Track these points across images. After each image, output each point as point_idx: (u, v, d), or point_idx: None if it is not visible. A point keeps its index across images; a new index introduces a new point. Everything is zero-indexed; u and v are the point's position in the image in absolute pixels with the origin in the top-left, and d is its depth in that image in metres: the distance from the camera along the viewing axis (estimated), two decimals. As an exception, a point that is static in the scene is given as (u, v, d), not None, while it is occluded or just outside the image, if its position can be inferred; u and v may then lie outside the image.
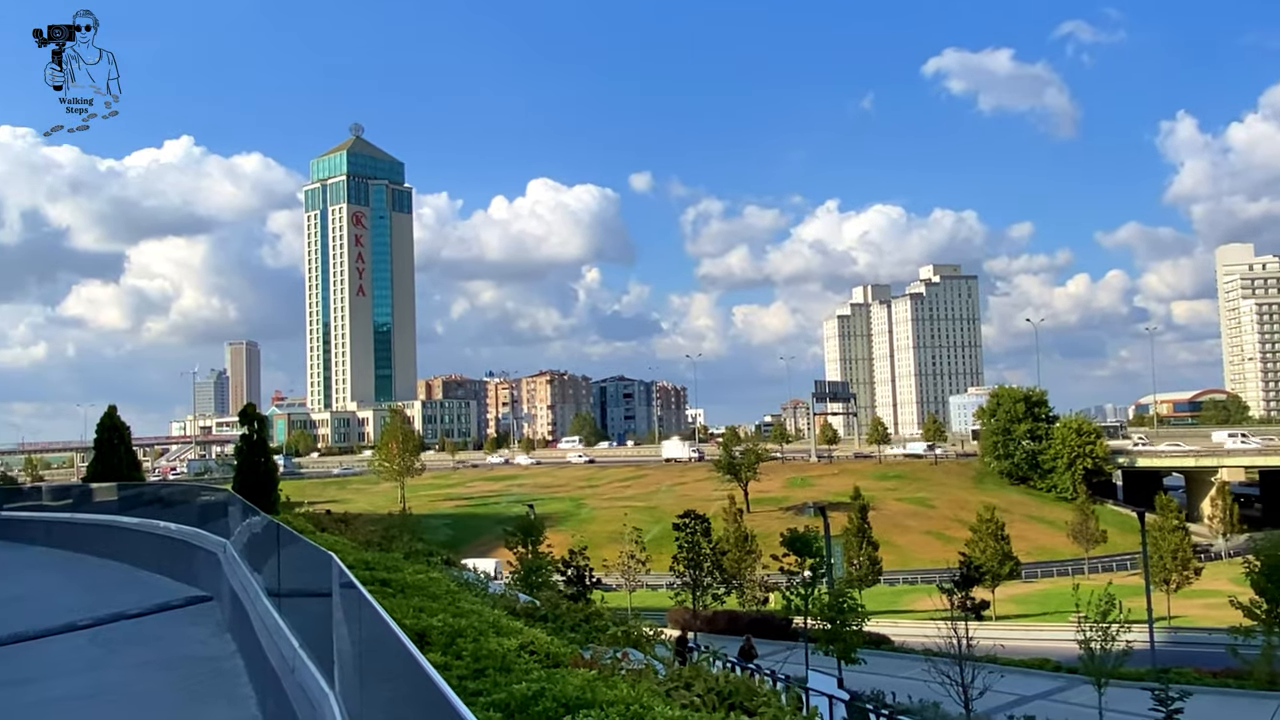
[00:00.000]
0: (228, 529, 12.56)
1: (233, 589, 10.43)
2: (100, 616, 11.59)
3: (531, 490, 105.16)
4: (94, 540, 19.55)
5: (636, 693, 4.57)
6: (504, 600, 10.25)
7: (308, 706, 5.73)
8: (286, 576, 7.51)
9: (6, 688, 8.56)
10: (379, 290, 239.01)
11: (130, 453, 25.26)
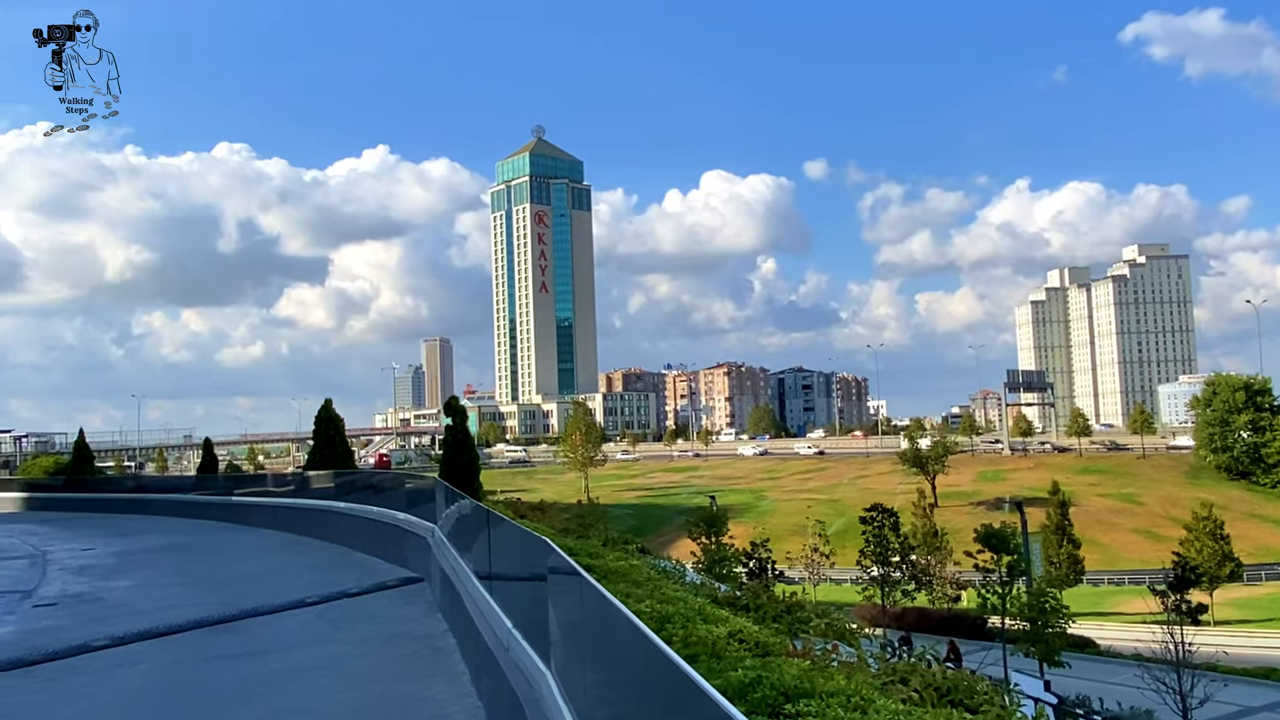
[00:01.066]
0: (435, 514, 13.22)
1: (442, 570, 10.98)
2: (325, 594, 12.47)
3: (711, 482, 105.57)
4: (314, 524, 21.05)
5: (853, 684, 4.48)
6: (704, 589, 10.31)
7: (525, 684, 5.95)
8: (498, 560, 7.82)
9: (252, 657, 9.34)
10: (560, 286, 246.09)
11: (344, 443, 27.08)
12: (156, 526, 26.59)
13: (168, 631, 10.50)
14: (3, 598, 13.97)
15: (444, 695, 7.58)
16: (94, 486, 38.27)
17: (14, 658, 9.40)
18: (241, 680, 8.36)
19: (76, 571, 17.02)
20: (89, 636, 10.36)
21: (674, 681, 2.86)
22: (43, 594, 14.32)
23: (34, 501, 37.02)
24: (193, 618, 11.19)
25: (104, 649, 9.79)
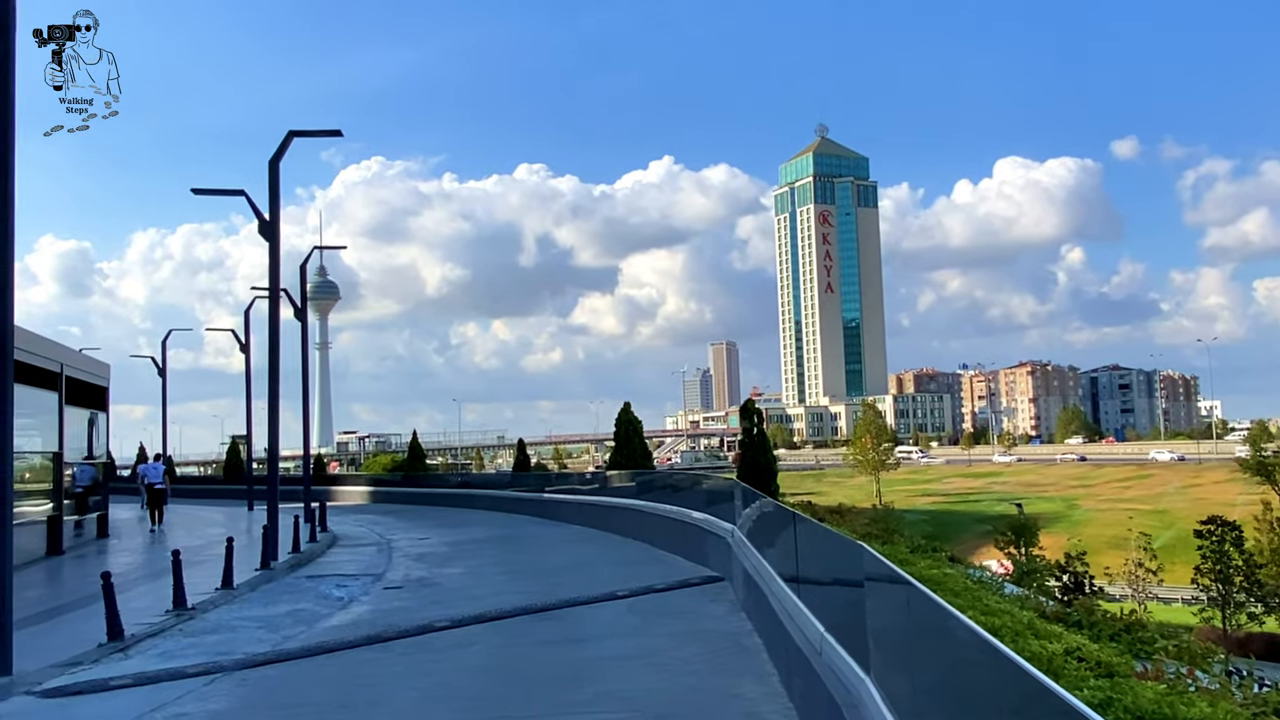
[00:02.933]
0: (733, 514, 13.40)
1: (744, 570, 11.10)
2: (633, 589, 13.01)
3: (1015, 488, 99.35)
4: (616, 520, 22.06)
5: (1219, 712, 4.02)
6: (1029, 602, 9.72)
7: (841, 688, 5.88)
8: (805, 562, 7.79)
9: (573, 643, 9.94)
10: (846, 286, 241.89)
11: (643, 443, 28.25)
12: (478, 519, 28.99)
13: (498, 616, 11.40)
14: (359, 580, 15.81)
15: (754, 693, 7.65)
16: (425, 482, 42.43)
17: (373, 634, 10.60)
18: (566, 664, 8.91)
19: (416, 558, 18.92)
20: (432, 618, 11.48)
21: (1028, 694, 2.70)
22: (390, 578, 16.06)
23: (377, 495, 41.62)
24: (518, 604, 12.09)
25: (445, 629, 10.79)
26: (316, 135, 19.33)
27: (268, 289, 20.21)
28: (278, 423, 19.14)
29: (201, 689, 8.29)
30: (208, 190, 20.49)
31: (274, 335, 19.06)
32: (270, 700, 8.03)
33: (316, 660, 9.45)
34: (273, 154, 18.60)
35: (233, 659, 9.35)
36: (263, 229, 18.57)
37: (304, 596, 13.89)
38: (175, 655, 9.68)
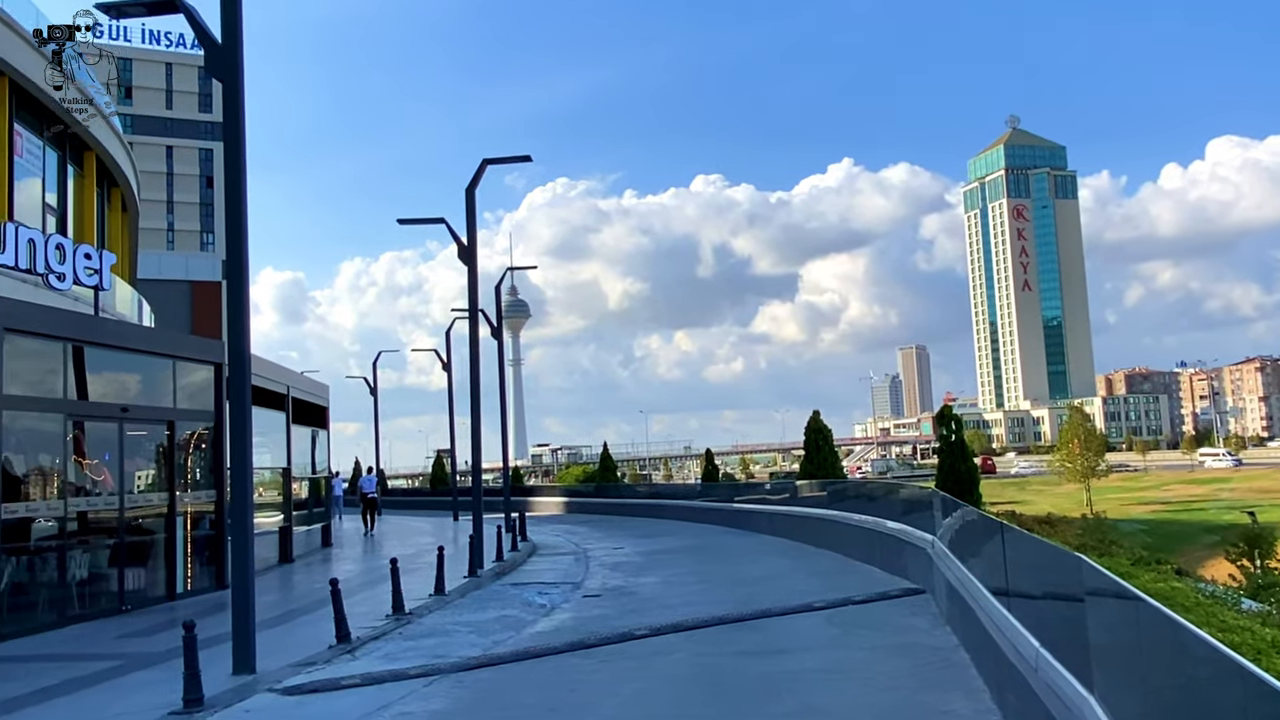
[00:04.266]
0: (933, 524, 12.97)
1: (947, 583, 10.72)
2: (830, 600, 12.82)
3: (1246, 495, 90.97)
4: (808, 530, 21.79)
5: None
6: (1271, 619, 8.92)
7: (1060, 706, 5.60)
8: (1016, 575, 7.46)
9: (772, 655, 9.90)
10: (1045, 283, 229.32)
11: (833, 452, 27.82)
12: (669, 529, 29.31)
13: (695, 625, 11.50)
14: (559, 588, 16.32)
15: (965, 710, 7.38)
16: (616, 492, 43.28)
17: (576, 640, 10.93)
18: (766, 676, 8.88)
19: (612, 567, 19.35)
20: (631, 625, 11.71)
21: None
22: (589, 586, 16.50)
23: (570, 505, 42.82)
24: (714, 614, 12.15)
25: (644, 637, 10.99)
26: (507, 162, 20.22)
27: (467, 310, 21.26)
28: (480, 437, 20.07)
29: (422, 689, 8.80)
30: (412, 220, 21.82)
31: (474, 354, 20.03)
32: (485, 702, 8.42)
33: (525, 665, 9.84)
34: (468, 183, 19.60)
35: (449, 662, 9.87)
36: (462, 254, 19.57)
37: (509, 603, 14.48)
38: (397, 657, 10.32)
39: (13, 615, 12.65)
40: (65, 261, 14.41)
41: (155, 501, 15.98)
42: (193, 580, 16.47)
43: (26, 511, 13.27)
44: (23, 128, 21.60)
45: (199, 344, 18.24)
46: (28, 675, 10.11)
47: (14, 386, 12.83)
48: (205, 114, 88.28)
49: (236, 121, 10.17)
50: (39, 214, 22.37)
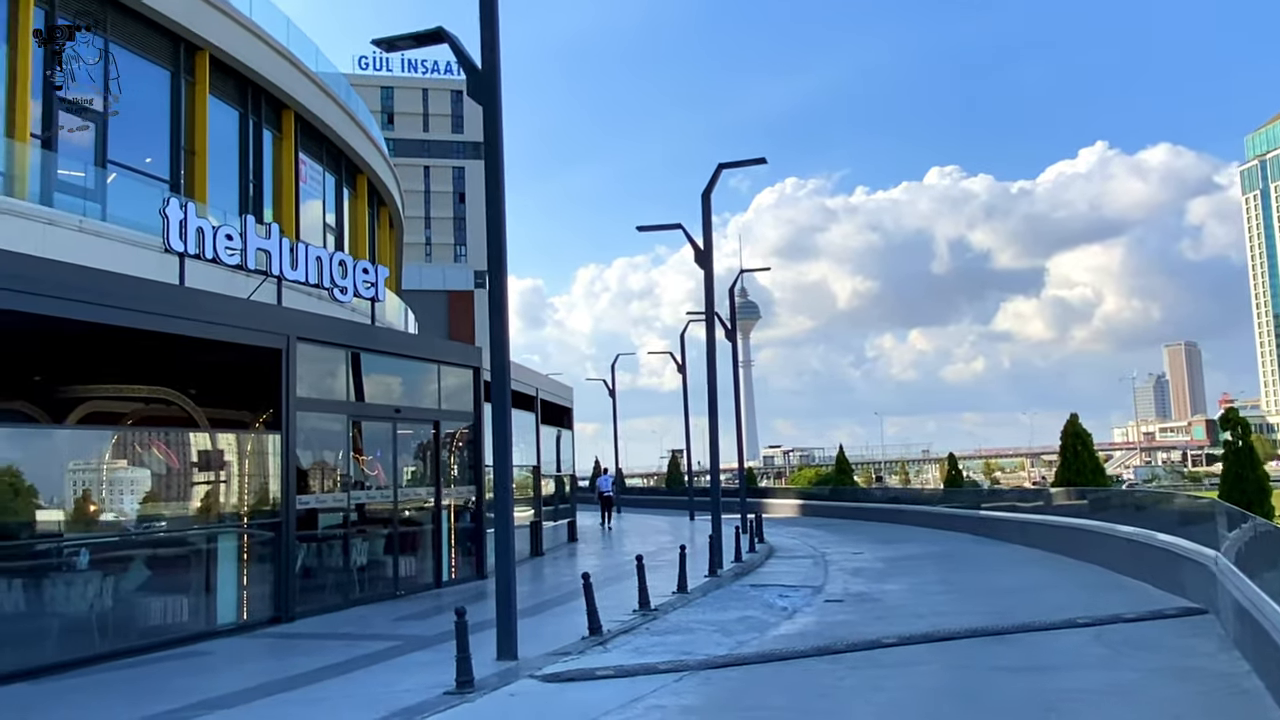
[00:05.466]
0: (1215, 538, 11.86)
1: (1235, 602, 9.75)
2: (1096, 616, 11.96)
3: None
4: (1064, 541, 20.41)
5: None
6: None
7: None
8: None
9: (1033, 672, 9.38)
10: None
11: (1093, 458, 25.92)
12: (910, 535, 28.39)
13: (945, 636, 11.08)
14: (799, 591, 16.21)
15: (1264, 746, 6.68)
16: (851, 496, 42.43)
17: (822, 645, 10.82)
18: (1027, 694, 8.43)
19: (852, 573, 18.99)
20: (878, 633, 11.45)
21: None
22: (830, 591, 16.28)
23: (805, 508, 42.39)
24: (966, 625, 11.65)
25: (892, 646, 10.71)
26: (742, 165, 20.33)
27: (700, 314, 21.54)
28: (717, 439, 20.29)
29: (673, 685, 9.01)
30: (650, 227, 22.41)
31: (711, 357, 20.27)
32: (734, 701, 8.51)
33: (772, 666, 9.85)
34: (704, 188, 19.88)
35: (696, 659, 10.05)
36: (698, 258, 19.87)
37: (750, 604, 14.55)
38: (645, 652, 10.62)
39: (304, 596, 14.08)
40: (347, 276, 15.89)
41: (423, 495, 17.30)
42: (456, 570, 17.69)
43: (316, 503, 14.74)
44: (306, 156, 24.01)
45: (460, 349, 19.58)
46: (322, 651, 11.23)
47: (303, 389, 14.27)
48: (457, 134, 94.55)
49: (495, 141, 10.84)
50: (320, 233, 24.78)
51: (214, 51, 19.81)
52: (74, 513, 11.33)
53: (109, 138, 17.60)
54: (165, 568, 12.54)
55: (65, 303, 10.73)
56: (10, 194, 15.26)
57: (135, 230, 16.25)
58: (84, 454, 11.90)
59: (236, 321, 13.19)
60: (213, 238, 13.61)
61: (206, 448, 13.43)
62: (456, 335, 58.77)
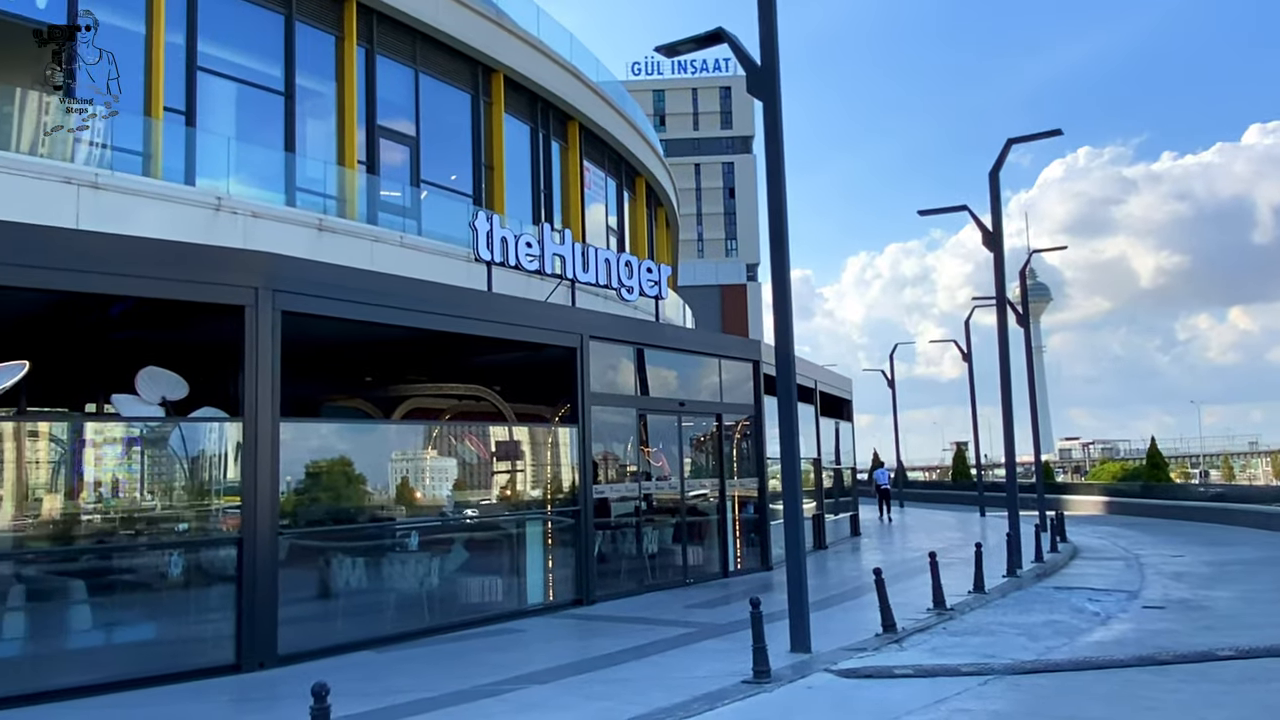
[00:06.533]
0: None
1: None
2: None
3: None
4: None
5: None
6: None
7: None
8: None
9: None
10: None
11: None
12: (1240, 538, 25.46)
13: (1295, 653, 9.85)
14: (1111, 596, 14.99)
15: None
16: (1165, 493, 38.59)
17: (1143, 655, 9.96)
18: None
19: (1172, 577, 17.30)
20: (1209, 644, 10.38)
21: None
22: (1147, 596, 14.93)
23: (1111, 505, 39.08)
24: (1320, 642, 10.29)
25: (1229, 659, 9.67)
26: (1034, 139, 19.09)
27: (986, 299, 20.47)
28: (1012, 431, 19.19)
29: (977, 688, 8.64)
30: (933, 210, 21.54)
31: (1003, 343, 19.21)
32: (1046, 709, 8.02)
33: (1087, 675, 9.19)
34: (991, 166, 18.86)
35: (1000, 663, 9.57)
36: (986, 240, 18.87)
37: (1056, 608, 13.64)
38: (944, 652, 10.26)
39: (601, 580, 14.83)
40: (633, 276, 16.57)
41: (707, 487, 17.69)
42: (742, 560, 17.95)
43: (610, 492, 15.48)
44: (590, 163, 25.23)
45: (739, 343, 19.83)
46: (622, 633, 11.79)
47: (595, 385, 15.01)
48: (726, 130, 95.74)
49: (776, 134, 10.87)
50: (603, 235, 25.96)
51: (507, 72, 21.30)
52: (396, 499, 12.61)
53: (421, 159, 19.41)
54: (480, 550, 13.67)
55: (400, 311, 11.97)
56: (342, 215, 17.22)
57: (444, 242, 17.82)
58: (404, 445, 13.19)
59: (537, 323, 14.11)
60: (515, 246, 14.66)
61: (511, 440, 14.49)
62: (730, 329, 59.52)
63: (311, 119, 17.76)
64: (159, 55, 14.84)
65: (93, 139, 14.01)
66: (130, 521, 10.20)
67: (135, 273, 9.65)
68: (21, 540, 9.48)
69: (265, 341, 10.31)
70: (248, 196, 15.20)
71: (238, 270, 10.36)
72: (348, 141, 17.81)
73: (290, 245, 13.25)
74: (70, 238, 9.95)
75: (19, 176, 12.08)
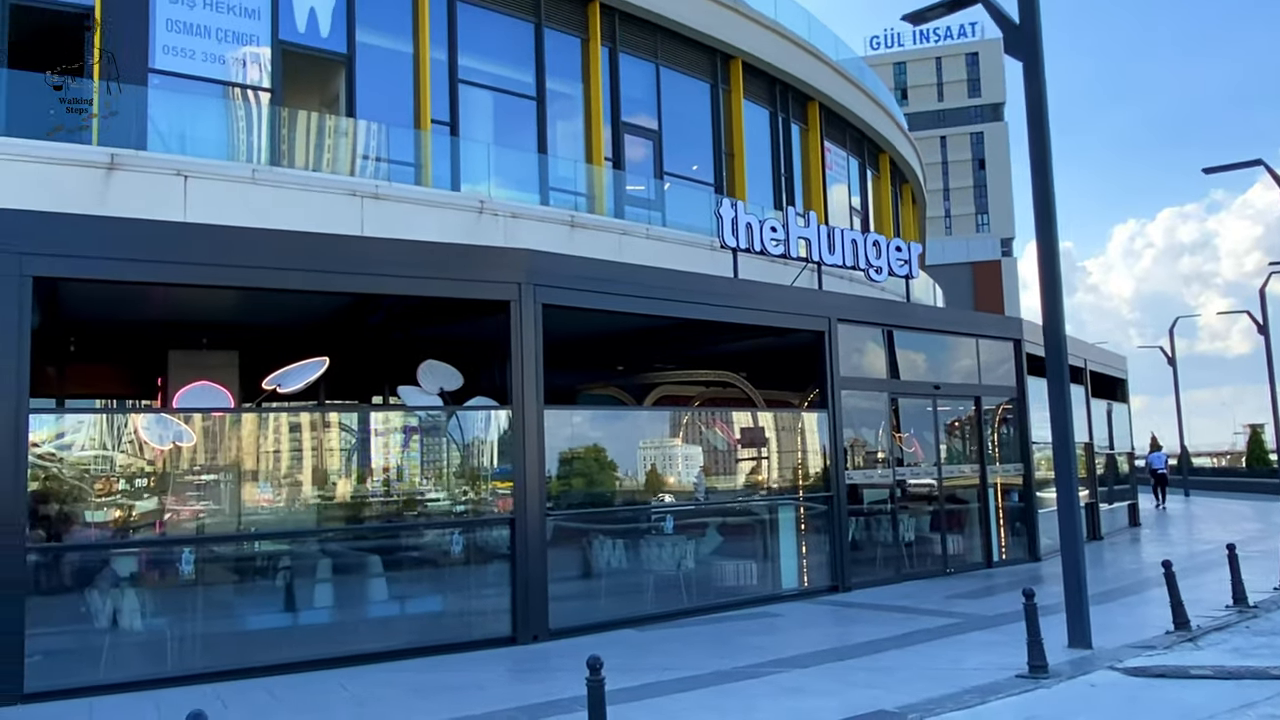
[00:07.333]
0: None
1: None
2: None
3: None
4: None
5: None
6: None
7: None
8: None
9: None
10: None
11: None
12: None
13: None
14: None
15: None
16: None
17: None
18: None
19: None
20: None
21: None
22: None
23: None
24: None
25: None
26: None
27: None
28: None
29: (1292, 695, 7.74)
30: (1220, 168, 19.38)
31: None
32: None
33: None
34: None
35: (1320, 669, 8.52)
36: (1286, 196, 16.78)
37: (1388, 610, 11.95)
38: (1249, 653, 9.26)
39: (856, 568, 14.54)
40: (881, 256, 16.09)
41: (966, 473, 16.91)
42: (1006, 550, 17.02)
43: (863, 478, 15.14)
44: (831, 143, 24.77)
45: (997, 321, 18.82)
46: (880, 621, 11.52)
47: (844, 369, 14.72)
48: (973, 99, 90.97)
49: (1038, 97, 10.18)
50: (846, 216, 25.41)
51: (745, 58, 21.27)
52: (646, 484, 12.93)
53: (664, 151, 19.78)
54: (734, 535, 13.79)
55: (649, 301, 12.29)
56: (591, 211, 17.88)
57: (688, 232, 18.08)
58: (653, 433, 13.50)
59: (784, 307, 14.02)
60: (759, 231, 14.63)
61: (759, 425, 14.49)
62: (982, 307, 56.68)
63: (560, 120, 18.54)
64: (425, 72, 16.01)
65: (372, 154, 15.38)
66: (413, 503, 11.12)
67: (415, 274, 10.48)
68: (324, 519, 10.57)
69: (529, 333, 10.88)
70: (506, 198, 16.09)
71: (503, 268, 10.99)
72: (595, 139, 18.44)
73: (545, 242, 13.92)
74: (357, 245, 10.96)
75: (309, 192, 13.43)
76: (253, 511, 10.19)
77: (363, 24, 15.53)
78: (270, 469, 10.33)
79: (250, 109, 14.52)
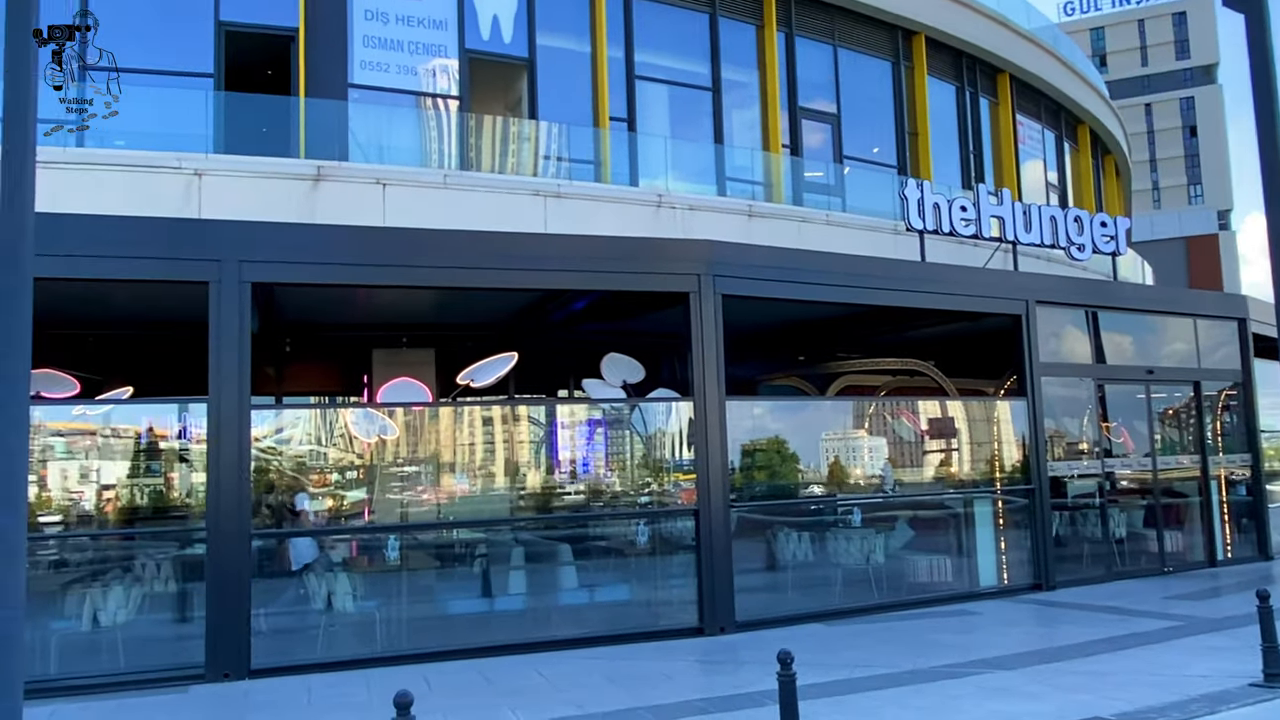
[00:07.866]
0: None
1: None
2: None
3: None
4: None
5: None
6: None
7: None
8: None
9: None
10: None
11: None
12: None
13: None
14: None
15: None
16: None
17: None
18: None
19: None
20: None
21: None
22: None
23: None
24: None
25: None
26: None
27: None
28: None
29: None
30: None
31: None
32: None
33: None
34: None
35: None
36: None
37: None
38: None
39: (1061, 565, 13.68)
40: (1083, 233, 15.06)
41: (1184, 464, 15.63)
42: (1231, 548, 15.62)
43: (1067, 470, 14.24)
44: (1023, 116, 23.47)
45: (1218, 299, 17.30)
46: (1090, 622, 10.80)
47: (1044, 354, 13.87)
48: (1182, 61, 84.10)
49: (1264, 51, 9.21)
50: (1042, 192, 24.01)
51: (928, 33, 20.41)
52: (830, 475, 12.61)
53: (843, 135, 19.28)
54: (925, 529, 13.28)
55: (832, 288, 12.00)
56: (769, 200, 17.64)
57: (869, 216, 17.54)
58: (836, 424, 13.16)
59: (977, 291, 13.36)
60: (948, 211, 14.00)
61: (951, 415, 13.88)
62: (1197, 284, 52.41)
63: (736, 110, 18.38)
64: (603, 70, 16.24)
65: (553, 153, 15.77)
66: (599, 494, 11.31)
67: (597, 269, 10.64)
68: (516, 509, 10.91)
69: (709, 324, 10.84)
70: (684, 190, 16.11)
71: (682, 259, 11.00)
72: (772, 127, 18.18)
73: (723, 233, 13.83)
74: (542, 242, 11.23)
75: (495, 193, 13.89)
76: (450, 501, 10.65)
77: (542, 27, 15.91)
78: (465, 460, 10.76)
79: (440, 117, 15.18)
